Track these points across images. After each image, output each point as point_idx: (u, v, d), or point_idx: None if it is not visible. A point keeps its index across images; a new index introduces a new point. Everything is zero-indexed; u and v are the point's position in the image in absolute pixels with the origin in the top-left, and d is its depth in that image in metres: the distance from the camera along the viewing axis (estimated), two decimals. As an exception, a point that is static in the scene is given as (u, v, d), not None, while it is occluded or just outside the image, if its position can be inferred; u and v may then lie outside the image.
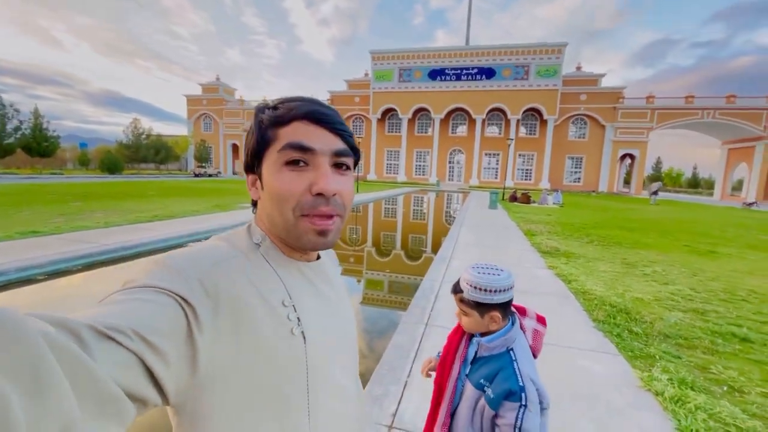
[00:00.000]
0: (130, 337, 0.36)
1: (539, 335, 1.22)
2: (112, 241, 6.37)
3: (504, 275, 1.11)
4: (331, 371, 0.58)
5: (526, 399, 1.01)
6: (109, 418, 0.31)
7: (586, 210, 18.60)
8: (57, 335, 0.28)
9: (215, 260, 0.50)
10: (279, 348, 0.51)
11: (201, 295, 0.45)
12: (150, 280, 0.44)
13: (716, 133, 43.88)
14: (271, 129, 0.55)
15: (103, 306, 0.39)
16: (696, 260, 7.28)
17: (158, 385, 0.39)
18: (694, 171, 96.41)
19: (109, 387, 0.31)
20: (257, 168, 0.58)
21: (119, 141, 46.89)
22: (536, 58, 41.58)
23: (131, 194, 16.11)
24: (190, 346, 0.43)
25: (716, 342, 3.45)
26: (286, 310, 0.53)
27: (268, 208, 0.56)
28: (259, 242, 0.58)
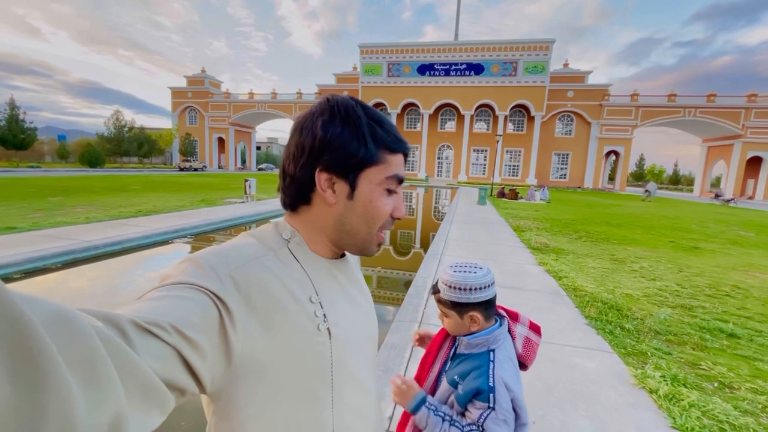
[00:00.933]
0: (168, 332, 0.38)
1: (532, 345, 1.12)
2: (94, 237, 6.14)
3: (481, 273, 1.04)
4: (355, 367, 0.60)
5: (495, 401, 0.95)
6: (152, 406, 0.33)
7: (573, 206, 18.86)
8: (104, 330, 0.30)
9: (246, 257, 0.52)
10: (306, 343, 0.53)
11: (233, 290, 0.47)
12: (185, 277, 0.46)
13: (697, 130, 45.00)
14: (383, 150, 0.58)
15: (142, 302, 0.41)
16: (681, 256, 7.43)
17: (195, 375, 0.41)
18: (675, 168, 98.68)
19: (152, 378, 0.33)
20: (353, 176, 0.58)
21: (100, 134, 45.51)
22: (524, 54, 41.82)
23: (114, 189, 15.66)
24: (224, 340, 0.45)
25: (705, 338, 3.50)
26: (313, 306, 0.55)
27: (354, 218, 0.59)
28: (288, 238, 0.59)
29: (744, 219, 16.47)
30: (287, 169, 0.58)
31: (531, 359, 1.12)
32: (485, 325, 1.06)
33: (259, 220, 10.25)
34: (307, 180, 0.57)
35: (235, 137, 56.21)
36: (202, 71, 55.09)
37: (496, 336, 1.04)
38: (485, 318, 1.06)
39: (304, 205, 0.60)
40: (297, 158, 0.57)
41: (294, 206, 0.61)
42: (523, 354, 1.11)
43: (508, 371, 0.99)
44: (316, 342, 0.54)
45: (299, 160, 0.57)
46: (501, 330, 1.06)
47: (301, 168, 0.57)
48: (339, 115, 0.57)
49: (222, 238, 8.12)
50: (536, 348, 1.13)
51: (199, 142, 55.55)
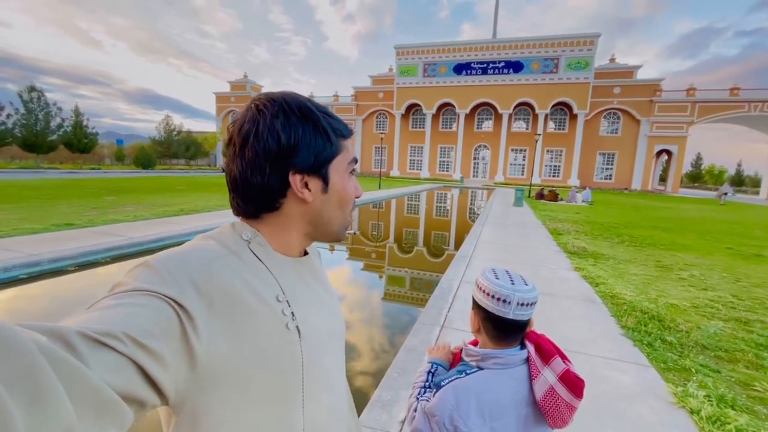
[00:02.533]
0: (122, 342, 0.36)
1: (557, 400, 0.87)
2: (139, 234, 6.57)
3: (502, 283, 0.92)
4: (325, 364, 0.60)
5: (434, 397, 0.94)
6: (107, 423, 0.32)
7: (618, 208, 17.77)
8: (49, 344, 0.29)
9: (206, 259, 0.50)
10: (275, 343, 0.52)
11: (193, 295, 0.45)
12: (139, 283, 0.44)
13: (764, 127, 40.90)
14: (340, 139, 0.61)
15: (92, 312, 0.39)
16: (740, 264, 6.76)
17: (155, 386, 0.39)
18: (738, 168, 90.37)
19: (105, 392, 0.32)
20: (323, 172, 0.59)
21: (152, 137, 48.84)
22: (566, 50, 40.02)
23: (161, 189, 16.71)
24: (186, 347, 0.43)
25: (762, 355, 3.15)
26: (280, 305, 0.54)
27: (330, 209, 0.61)
28: (248, 239, 0.57)
29: (819, 224, 14.76)
30: (249, 178, 0.55)
31: (554, 418, 0.89)
32: (488, 342, 0.96)
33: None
34: (277, 185, 0.56)
35: (274, 139, 58.12)
36: (244, 76, 57.58)
37: (492, 357, 0.94)
38: (488, 334, 0.95)
39: (269, 212, 0.58)
40: (260, 166, 0.54)
41: (257, 214, 0.58)
42: (543, 405, 0.89)
43: (471, 398, 0.88)
44: (286, 341, 0.53)
45: (264, 168, 0.54)
46: (502, 355, 0.93)
47: (269, 175, 0.54)
48: (294, 114, 0.55)
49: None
50: (566, 409, 0.87)
51: (241, 145, 57.96)
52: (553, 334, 0.95)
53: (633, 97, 40.33)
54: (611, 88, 40.88)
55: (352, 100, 51.15)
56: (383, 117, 50.66)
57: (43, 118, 33.13)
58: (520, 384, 0.92)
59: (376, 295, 5.21)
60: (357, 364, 3.24)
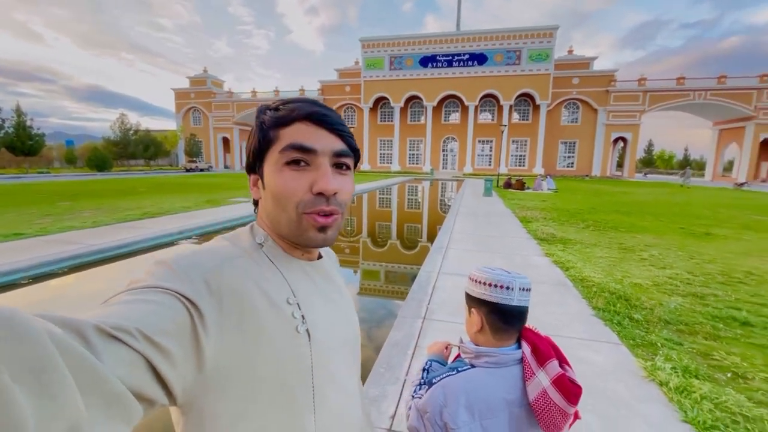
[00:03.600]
0: (135, 337, 0.36)
1: (549, 405, 0.85)
2: (100, 241, 6.19)
3: (501, 271, 0.94)
4: (336, 369, 0.59)
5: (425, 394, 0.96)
6: (116, 418, 0.31)
7: (581, 195, 18.60)
8: (63, 335, 0.29)
9: (219, 260, 0.51)
10: (284, 345, 0.51)
11: (205, 294, 0.45)
12: (154, 280, 0.44)
13: (707, 114, 43.98)
14: (272, 130, 0.56)
15: (108, 306, 0.39)
16: (692, 243, 7.27)
17: (164, 384, 0.39)
18: (685, 153, 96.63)
19: (116, 386, 0.32)
20: (259, 168, 0.58)
21: (106, 137, 45.97)
22: (528, 42, 41.15)
23: (121, 192, 15.80)
24: (196, 346, 0.43)
25: (717, 327, 3.41)
26: (290, 308, 0.53)
27: (270, 207, 0.57)
28: (261, 242, 0.58)
29: (758, 203, 16.11)
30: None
31: (546, 423, 0.86)
32: (491, 338, 0.95)
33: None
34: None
35: (239, 136, 56.38)
36: (204, 71, 55.15)
37: (484, 354, 0.94)
38: (491, 328, 0.94)
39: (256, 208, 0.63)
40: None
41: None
42: (534, 408, 0.87)
43: (460, 396, 0.89)
44: (295, 344, 0.52)
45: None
46: (494, 353, 0.93)
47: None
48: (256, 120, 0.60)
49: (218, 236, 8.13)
50: (557, 414, 0.85)
51: (204, 143, 55.81)
52: (530, 320, 0.97)
53: (590, 88, 42.13)
54: (570, 78, 42.49)
55: (319, 94, 50.30)
56: (351, 111, 50.22)
57: (-22, 118, 30.42)
58: (512, 384, 0.91)
59: (352, 290, 5.18)
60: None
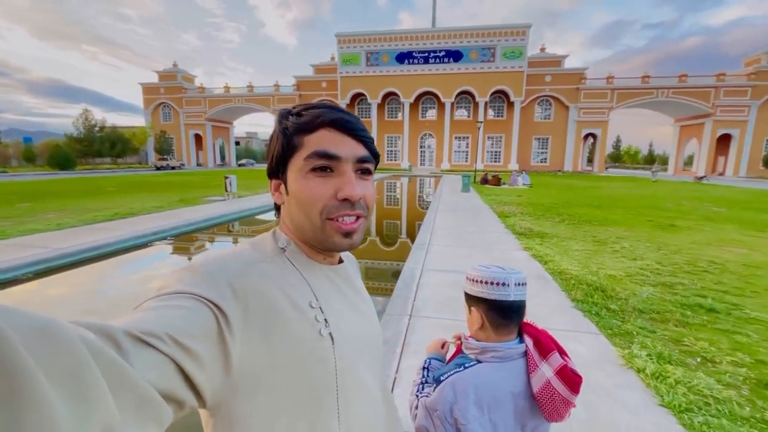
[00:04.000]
0: (165, 342, 0.37)
1: (554, 395, 0.89)
2: (67, 244, 5.89)
3: (496, 269, 0.97)
4: (359, 373, 0.59)
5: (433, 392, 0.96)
6: (148, 421, 0.32)
7: (554, 189, 19.17)
8: (96, 341, 0.30)
9: (243, 264, 0.52)
10: (308, 349, 0.52)
11: (231, 298, 0.46)
12: (182, 286, 0.45)
13: (670, 111, 46.23)
14: (296, 136, 0.57)
15: (138, 312, 0.40)
16: (659, 234, 7.64)
17: (193, 387, 0.40)
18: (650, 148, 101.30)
19: (147, 390, 0.32)
20: (282, 174, 0.59)
21: (69, 134, 43.63)
22: (502, 39, 41.89)
23: (87, 192, 15.06)
24: (223, 349, 0.44)
25: (686, 314, 3.61)
26: (313, 311, 0.54)
27: (294, 212, 0.58)
28: (284, 246, 0.59)
29: (715, 195, 17.09)
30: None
31: (550, 412, 0.91)
32: (492, 334, 0.97)
33: (241, 218, 10.04)
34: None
35: (212, 133, 54.82)
36: (173, 65, 53.17)
37: (490, 350, 0.96)
38: (491, 324, 0.96)
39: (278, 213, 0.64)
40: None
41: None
42: (539, 398, 0.91)
43: (470, 392, 0.91)
44: (319, 348, 0.53)
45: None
46: (500, 348, 0.96)
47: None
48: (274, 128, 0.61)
49: (204, 237, 7.93)
50: (561, 403, 0.89)
51: (175, 140, 53.94)
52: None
53: (562, 85, 43.39)
54: (543, 76, 43.60)
55: (295, 90, 49.54)
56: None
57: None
58: (517, 377, 0.95)
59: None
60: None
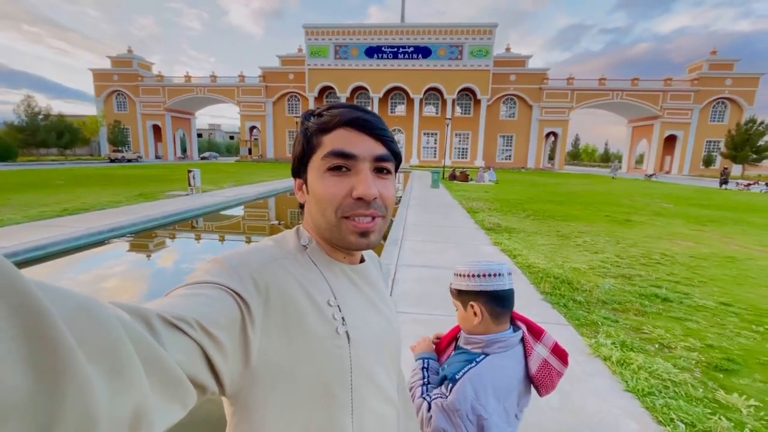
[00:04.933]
0: (193, 327, 0.39)
1: (550, 370, 1.01)
2: (10, 243, 5.40)
3: (486, 262, 1.02)
4: (375, 372, 0.59)
5: (450, 392, 0.95)
6: (175, 400, 0.34)
7: (519, 186, 19.87)
8: (132, 321, 0.31)
9: (266, 259, 0.53)
10: (324, 346, 0.53)
11: (253, 291, 0.48)
12: (209, 276, 0.47)
13: (623, 112, 49.13)
14: (316, 136, 0.58)
15: (169, 298, 0.42)
16: (616, 229, 8.11)
17: (216, 374, 0.41)
18: (605, 147, 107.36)
19: (176, 371, 0.34)
20: (303, 173, 0.61)
21: (8, 122, 39.97)
22: (469, 38, 42.64)
23: (32, 185, 13.88)
24: (244, 340, 0.45)
25: (644, 303, 3.85)
26: (331, 309, 0.55)
27: (313, 210, 0.59)
28: (306, 244, 0.60)
29: (664, 192, 18.38)
30: None
31: (546, 386, 1.02)
32: (491, 326, 1.00)
33: (206, 213, 9.63)
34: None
35: (172, 124, 52.14)
36: (128, 51, 49.94)
37: (496, 341, 0.99)
38: (491, 315, 0.99)
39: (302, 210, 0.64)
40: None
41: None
42: (537, 377, 1.01)
43: (486, 384, 0.94)
44: (335, 345, 0.54)
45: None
46: (504, 337, 0.99)
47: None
48: (299, 125, 0.63)
49: (165, 234, 7.54)
50: (556, 377, 1.01)
51: (131, 130, 50.86)
52: None
53: (526, 84, 44.89)
54: (508, 75, 44.89)
55: (260, 81, 48.05)
56: (295, 100, 48.64)
57: None
58: (520, 362, 1.01)
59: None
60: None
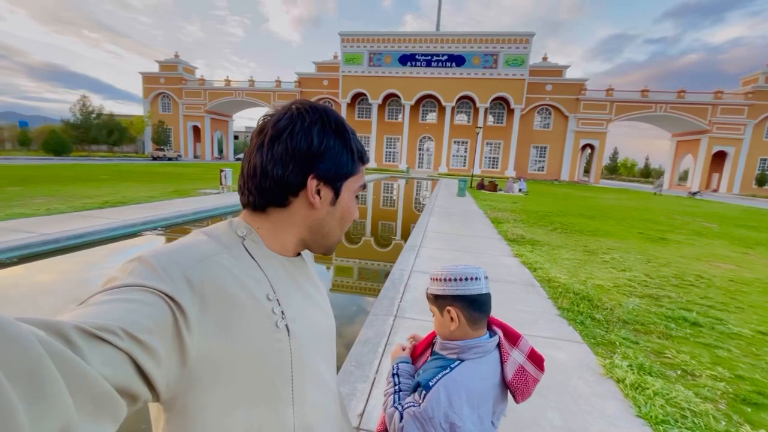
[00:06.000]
0: (119, 336, 0.36)
1: (526, 377, 0.98)
2: (54, 230, 5.81)
3: (463, 266, 0.99)
4: (314, 364, 0.60)
5: (423, 399, 0.91)
6: (103, 416, 0.32)
7: (549, 198, 19.26)
8: (47, 338, 0.30)
9: (200, 256, 0.50)
10: (264, 341, 0.52)
11: (187, 291, 0.45)
12: (134, 278, 0.44)
13: (667, 125, 46.66)
14: (359, 162, 0.64)
15: (88, 307, 0.39)
16: (649, 247, 7.69)
17: (149, 382, 0.40)
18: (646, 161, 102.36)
19: (102, 386, 0.32)
20: (335, 184, 0.61)
21: (66, 120, 43.18)
22: (504, 47, 42.04)
23: (80, 178, 14.92)
24: (179, 343, 0.43)
25: (670, 326, 3.62)
26: (270, 303, 0.54)
27: (332, 223, 0.63)
28: (243, 235, 0.58)
29: (708, 211, 17.25)
30: (271, 169, 0.57)
31: (522, 393, 0.99)
32: (468, 331, 0.98)
33: (234, 211, 9.98)
34: (294, 184, 0.58)
35: (211, 126, 54.50)
36: (175, 56, 52.85)
37: (472, 347, 0.96)
38: (468, 320, 0.97)
39: (276, 207, 0.59)
40: (286, 161, 0.57)
41: (264, 207, 0.59)
42: (513, 383, 0.98)
43: (461, 391, 0.91)
44: (275, 339, 0.53)
45: (288, 164, 0.57)
46: (481, 343, 0.97)
47: (291, 172, 0.57)
48: (331, 126, 0.60)
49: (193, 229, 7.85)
50: (532, 383, 0.99)
51: (173, 130, 53.58)
52: (498, 317, 1.01)
53: (562, 95, 43.63)
54: (544, 85, 43.83)
55: (296, 86, 49.43)
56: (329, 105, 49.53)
57: None
58: (496, 368, 0.98)
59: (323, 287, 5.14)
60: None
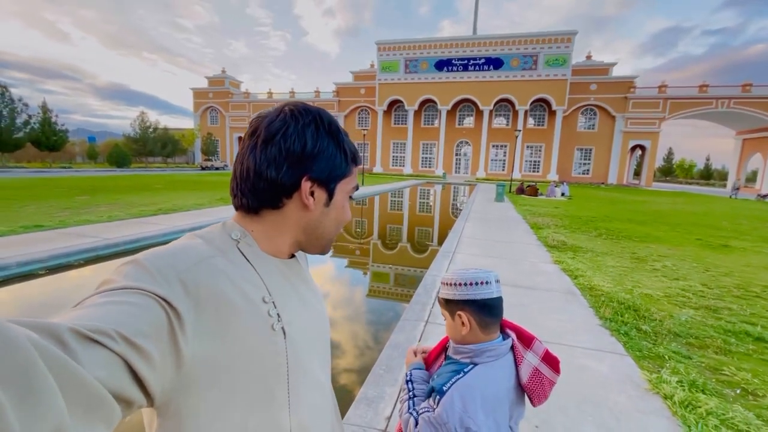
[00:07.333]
0: (114, 339, 0.36)
1: (542, 379, 0.97)
2: (115, 235, 6.36)
3: (474, 270, 0.98)
4: (310, 366, 0.60)
5: (438, 404, 0.90)
6: (96, 420, 0.32)
7: (595, 202, 18.28)
8: (40, 341, 0.29)
9: (195, 259, 0.50)
10: (261, 343, 0.52)
11: (182, 295, 0.45)
12: (128, 281, 0.43)
13: (730, 122, 42.80)
14: (352, 163, 0.64)
15: (83, 309, 0.39)
16: (708, 254, 7.07)
17: (143, 385, 0.39)
18: (706, 162, 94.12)
19: (96, 389, 0.32)
20: (329, 184, 0.61)
21: (126, 135, 47.18)
22: (545, 47, 40.71)
23: (137, 188, 16.20)
24: (174, 347, 0.43)
25: (729, 341, 3.31)
26: (266, 306, 0.54)
27: (327, 224, 0.63)
28: (237, 238, 0.58)
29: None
30: (263, 171, 0.56)
31: (539, 396, 0.97)
32: (480, 335, 0.97)
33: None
34: (288, 185, 0.57)
35: (254, 136, 57.15)
36: (222, 71, 56.28)
37: (485, 350, 0.95)
38: (480, 325, 0.96)
39: (270, 208, 0.59)
40: (279, 163, 0.56)
41: (258, 209, 0.59)
42: (529, 386, 0.97)
43: (476, 396, 0.90)
44: (271, 342, 0.53)
45: (282, 165, 0.56)
46: (494, 346, 0.96)
47: (284, 173, 0.57)
48: (324, 128, 0.60)
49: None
50: (548, 386, 0.97)
51: (220, 142, 56.82)
52: (535, 326, 0.98)
53: (608, 94, 41.39)
54: (588, 84, 41.85)
55: (334, 95, 50.73)
56: (365, 113, 50.43)
57: (8, 114, 31.55)
58: (509, 372, 0.97)
59: (361, 292, 5.21)
60: (342, 362, 3.24)
